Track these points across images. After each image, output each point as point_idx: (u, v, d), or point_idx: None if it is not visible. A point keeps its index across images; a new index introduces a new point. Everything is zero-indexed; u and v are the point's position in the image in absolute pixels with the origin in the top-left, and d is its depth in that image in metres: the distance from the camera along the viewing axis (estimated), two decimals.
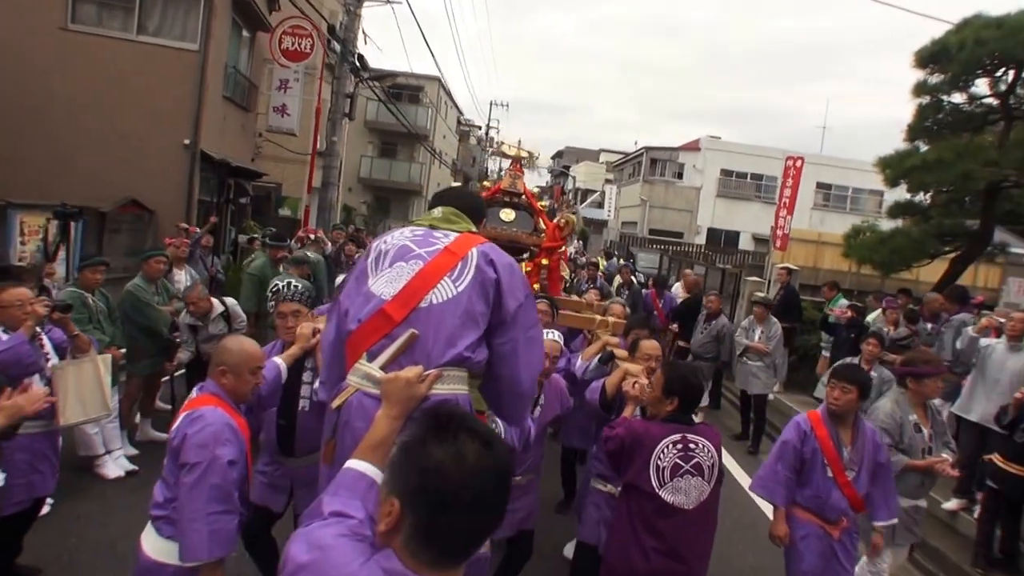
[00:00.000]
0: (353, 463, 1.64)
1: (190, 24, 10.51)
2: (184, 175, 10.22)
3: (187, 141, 10.22)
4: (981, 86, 8.90)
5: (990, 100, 8.98)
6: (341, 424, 1.98)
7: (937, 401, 5.93)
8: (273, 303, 3.63)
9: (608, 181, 41.29)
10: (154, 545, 2.40)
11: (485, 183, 5.49)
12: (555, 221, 5.30)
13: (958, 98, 9.11)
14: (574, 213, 5.80)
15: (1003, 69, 8.51)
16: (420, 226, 2.21)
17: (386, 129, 29.96)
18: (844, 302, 8.88)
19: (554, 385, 3.47)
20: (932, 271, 11.13)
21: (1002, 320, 6.12)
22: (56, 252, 7.06)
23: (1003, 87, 8.73)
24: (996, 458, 4.87)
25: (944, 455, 3.96)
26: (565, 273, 6.79)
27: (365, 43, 16.93)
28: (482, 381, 2.13)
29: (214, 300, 5.29)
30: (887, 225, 11.32)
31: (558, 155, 69.67)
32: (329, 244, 10.13)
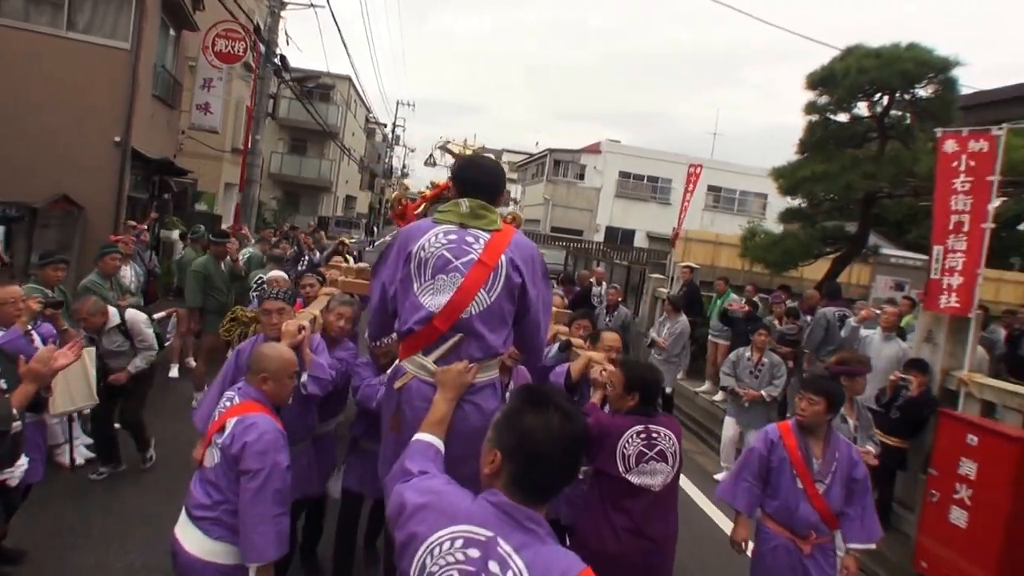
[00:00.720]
0: (421, 435, 2.03)
1: (121, 22, 10.37)
2: (115, 172, 10.06)
3: (118, 138, 10.08)
4: (862, 108, 9.97)
5: (869, 120, 10.09)
6: (403, 401, 2.40)
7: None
8: (257, 298, 3.93)
9: (511, 180, 42.31)
10: (202, 546, 2.49)
11: (434, 180, 5.51)
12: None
13: (843, 117, 10.16)
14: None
15: (879, 94, 9.59)
16: (451, 224, 2.45)
17: (297, 126, 29.80)
18: (734, 296, 9.79)
19: (520, 374, 3.68)
20: (816, 270, 12.18)
21: (878, 312, 7.14)
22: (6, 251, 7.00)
23: (879, 109, 9.80)
24: (876, 432, 5.57)
25: (868, 447, 4.37)
26: None
27: (288, 44, 17.05)
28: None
29: (111, 311, 4.96)
30: (771, 226, 12.37)
31: None
32: (252, 241, 10.25)
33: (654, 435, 2.98)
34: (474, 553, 1.42)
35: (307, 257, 10.53)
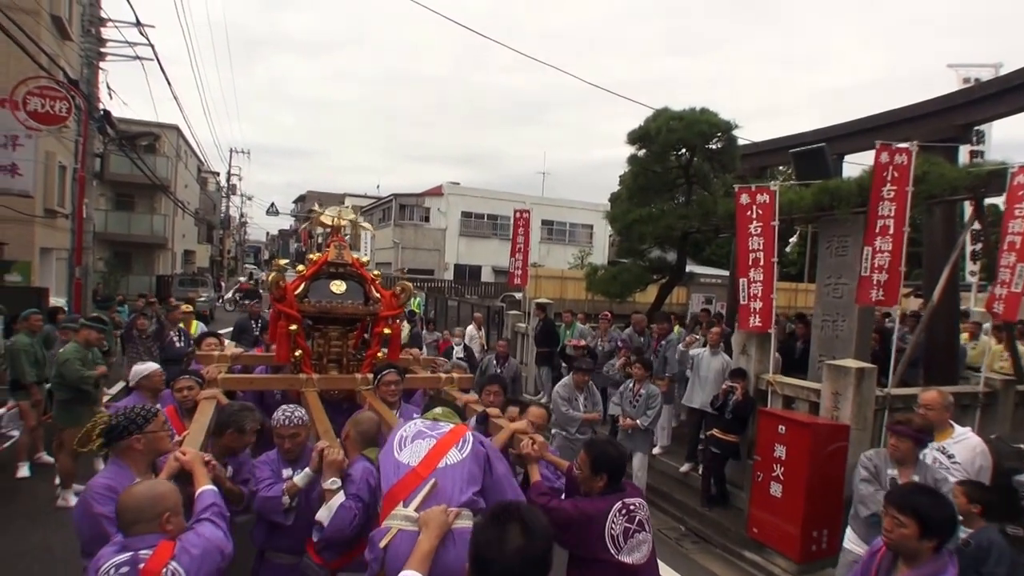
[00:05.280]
0: (409, 572, 2.25)
1: None
2: None
3: None
4: (673, 160, 11.78)
5: (677, 170, 11.94)
6: (388, 560, 2.55)
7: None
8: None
9: (363, 227, 42.58)
10: None
11: (311, 256, 5.30)
12: (392, 289, 5.29)
13: (658, 168, 11.90)
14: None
15: (684, 149, 11.52)
16: (427, 420, 3.12)
17: (121, 180, 27.84)
18: (580, 326, 11.22)
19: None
20: (645, 294, 14.08)
21: (699, 338, 8.59)
22: None
23: (684, 161, 11.70)
24: (716, 432, 6.87)
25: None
26: None
27: (111, 98, 16.20)
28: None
29: None
30: (598, 252, 13.92)
31: (300, 199, 69.10)
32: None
33: (631, 508, 2.96)
34: None
35: (171, 334, 9.20)
